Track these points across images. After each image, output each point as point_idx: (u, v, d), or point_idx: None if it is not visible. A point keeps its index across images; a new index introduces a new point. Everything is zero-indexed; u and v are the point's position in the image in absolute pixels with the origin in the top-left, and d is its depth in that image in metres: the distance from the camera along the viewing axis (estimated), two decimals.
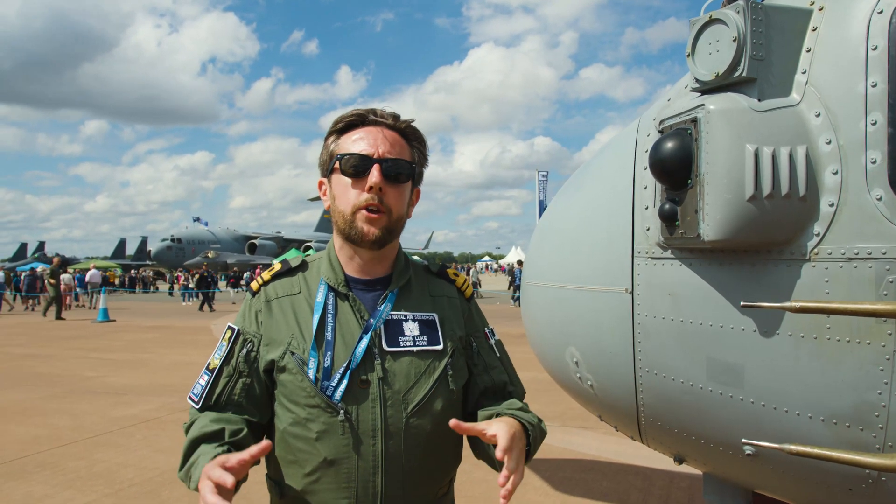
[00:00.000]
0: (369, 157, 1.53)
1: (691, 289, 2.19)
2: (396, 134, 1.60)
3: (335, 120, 1.63)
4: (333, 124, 1.63)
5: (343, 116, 1.61)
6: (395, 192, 1.56)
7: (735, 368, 2.10)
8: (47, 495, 4.93)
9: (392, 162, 1.55)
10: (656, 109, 2.42)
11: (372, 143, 1.55)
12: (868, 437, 1.86)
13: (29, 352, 12.98)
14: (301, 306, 1.59)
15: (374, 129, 1.58)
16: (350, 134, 1.59)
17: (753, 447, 2.09)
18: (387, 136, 1.57)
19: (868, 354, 1.81)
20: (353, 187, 1.55)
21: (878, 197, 1.79)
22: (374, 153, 1.54)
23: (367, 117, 1.59)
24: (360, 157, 1.54)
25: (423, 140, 1.66)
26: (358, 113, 1.59)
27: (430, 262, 1.79)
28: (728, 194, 1.88)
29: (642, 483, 5.15)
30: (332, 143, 1.62)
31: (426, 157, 1.69)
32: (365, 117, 1.59)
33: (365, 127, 1.59)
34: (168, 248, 55.47)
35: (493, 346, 1.74)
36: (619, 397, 2.62)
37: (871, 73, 1.82)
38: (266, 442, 1.33)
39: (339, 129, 1.61)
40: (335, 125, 1.62)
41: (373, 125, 1.59)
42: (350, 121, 1.60)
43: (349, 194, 1.55)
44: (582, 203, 2.89)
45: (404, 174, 1.57)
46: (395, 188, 1.56)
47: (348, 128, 1.60)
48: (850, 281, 1.83)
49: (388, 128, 1.59)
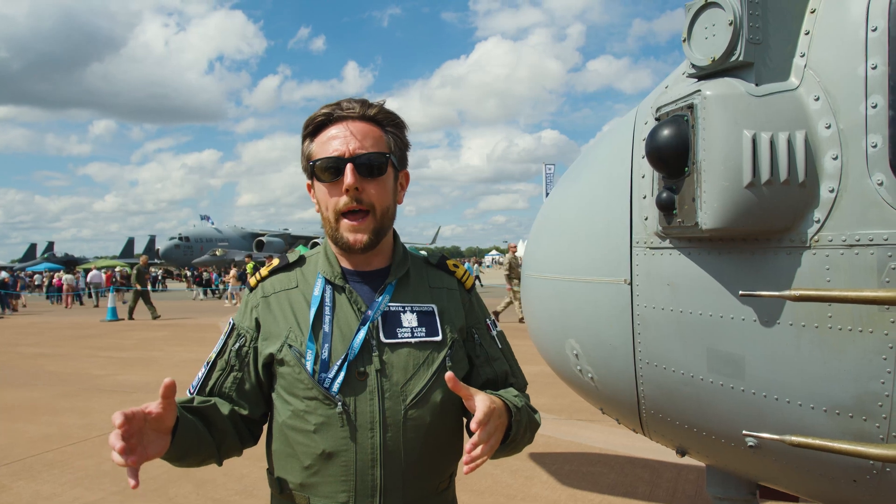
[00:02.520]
0: (340, 157, 1.50)
1: (690, 279, 2.16)
2: (368, 124, 1.56)
3: (305, 122, 1.60)
4: (304, 127, 1.60)
5: (311, 118, 1.58)
6: (375, 187, 1.53)
7: (735, 359, 2.06)
8: (55, 493, 4.95)
9: (365, 157, 1.51)
10: (654, 97, 2.38)
11: (342, 142, 1.51)
12: (871, 427, 1.82)
13: (40, 351, 13.08)
14: (298, 300, 1.59)
15: (342, 126, 1.54)
16: (321, 135, 1.56)
17: (755, 439, 2.06)
18: (357, 130, 1.53)
19: (870, 343, 1.78)
20: (331, 191, 1.53)
21: (879, 182, 1.75)
22: (345, 152, 1.50)
23: (333, 114, 1.55)
24: (331, 159, 1.51)
25: (398, 122, 1.61)
26: (325, 112, 1.55)
27: (430, 254, 1.76)
28: (726, 181, 1.84)
29: (650, 476, 5.11)
30: (306, 147, 1.59)
31: (405, 139, 1.64)
32: (332, 114, 1.55)
33: (334, 124, 1.55)
34: (176, 246, 55.80)
35: (494, 338, 1.72)
36: (619, 390, 2.59)
37: (871, 55, 1.78)
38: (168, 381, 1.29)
39: (310, 131, 1.58)
40: (306, 128, 1.59)
41: (341, 121, 1.54)
42: (319, 121, 1.56)
43: (329, 200, 1.54)
44: (580, 194, 2.86)
45: (381, 166, 1.54)
46: (375, 182, 1.53)
47: (319, 128, 1.57)
48: (852, 268, 1.79)
49: (358, 119, 1.55)
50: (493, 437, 1.38)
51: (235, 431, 1.60)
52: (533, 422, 1.63)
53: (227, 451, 1.60)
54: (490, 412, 1.36)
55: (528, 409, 1.62)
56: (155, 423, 1.31)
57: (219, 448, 1.56)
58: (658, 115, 2.13)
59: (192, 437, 1.45)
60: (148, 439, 1.32)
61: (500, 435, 1.42)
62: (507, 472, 5.24)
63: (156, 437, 1.34)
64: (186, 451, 1.46)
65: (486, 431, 1.35)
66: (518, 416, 1.52)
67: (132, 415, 1.25)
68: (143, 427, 1.30)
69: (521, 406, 1.56)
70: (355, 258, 1.61)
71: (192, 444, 1.46)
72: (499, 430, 1.42)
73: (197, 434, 1.48)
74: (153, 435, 1.33)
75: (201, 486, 5.01)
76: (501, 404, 1.47)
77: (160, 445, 1.34)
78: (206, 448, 1.52)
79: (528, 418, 1.59)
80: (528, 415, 1.60)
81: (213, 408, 1.55)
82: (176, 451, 1.41)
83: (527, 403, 1.64)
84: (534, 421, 1.64)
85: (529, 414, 1.61)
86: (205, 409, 1.54)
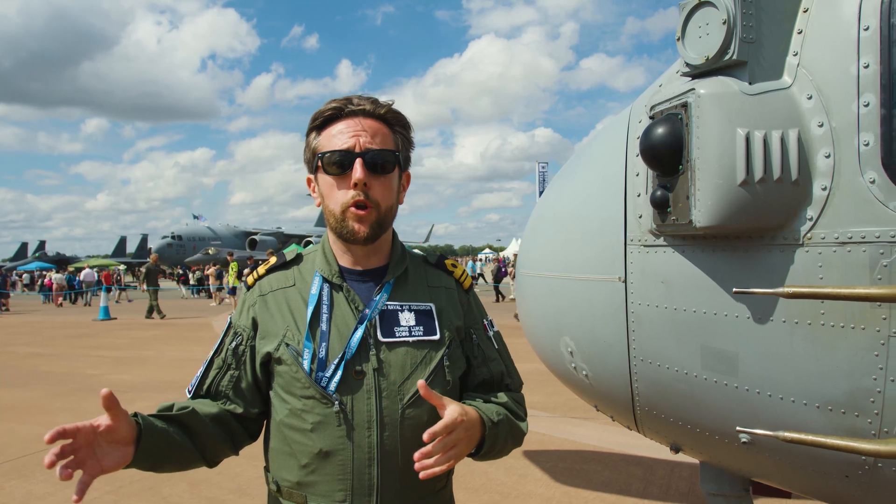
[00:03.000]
0: (351, 151, 1.50)
1: (684, 276, 2.17)
2: (377, 121, 1.56)
3: (313, 115, 1.59)
4: (312, 120, 1.59)
5: (321, 111, 1.57)
6: (381, 184, 1.53)
7: (729, 356, 2.07)
8: (48, 493, 4.94)
9: (375, 153, 1.51)
10: (648, 95, 2.39)
11: (352, 136, 1.51)
12: (864, 423, 1.84)
13: (33, 350, 13.01)
14: (295, 298, 1.59)
15: (353, 121, 1.53)
16: (330, 128, 1.55)
17: (748, 435, 2.07)
18: (367, 126, 1.53)
19: (863, 340, 1.79)
20: (339, 184, 1.52)
21: (871, 180, 1.77)
22: (356, 146, 1.50)
23: (344, 109, 1.54)
24: (342, 152, 1.51)
25: (405, 123, 1.62)
26: (335, 105, 1.55)
27: (429, 253, 1.76)
28: (719, 179, 1.85)
29: (643, 473, 5.14)
30: (313, 139, 1.59)
31: (411, 140, 1.65)
32: (342, 109, 1.54)
33: (344, 119, 1.54)
34: (168, 245, 55.56)
35: (491, 338, 1.72)
36: (613, 387, 2.61)
37: (863, 54, 1.79)
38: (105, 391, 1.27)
39: (318, 124, 1.58)
40: (314, 121, 1.59)
41: (351, 116, 1.54)
42: (328, 115, 1.56)
43: (336, 192, 1.53)
44: (574, 192, 2.87)
45: (389, 164, 1.54)
46: (381, 179, 1.53)
47: (327, 122, 1.56)
48: (844, 265, 1.80)
49: (368, 116, 1.55)
50: (456, 449, 1.39)
51: (225, 433, 1.58)
52: (516, 431, 1.63)
53: (216, 454, 1.58)
54: (453, 424, 1.37)
55: (511, 420, 1.60)
56: (107, 435, 1.29)
57: (203, 453, 1.54)
58: (652, 114, 2.14)
59: (162, 446, 1.42)
60: (103, 452, 1.29)
61: (465, 447, 1.43)
62: (502, 470, 5.25)
63: (112, 449, 1.31)
64: (158, 460, 1.43)
65: (441, 443, 1.35)
66: (494, 430, 1.51)
67: (76, 429, 1.23)
68: (94, 440, 1.27)
69: (500, 420, 1.55)
70: (354, 256, 1.61)
71: (163, 453, 1.43)
72: (465, 443, 1.42)
73: (169, 442, 1.44)
74: (109, 447, 1.31)
75: (195, 486, 5.01)
76: (475, 417, 1.47)
77: (119, 457, 1.32)
78: (184, 455, 1.49)
79: (508, 430, 1.58)
80: (510, 426, 1.59)
81: (191, 414, 1.52)
82: (146, 461, 1.39)
83: (514, 411, 1.64)
84: (517, 430, 1.63)
85: (512, 425, 1.60)
86: (181, 417, 1.50)
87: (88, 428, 1.26)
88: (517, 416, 1.65)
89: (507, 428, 1.57)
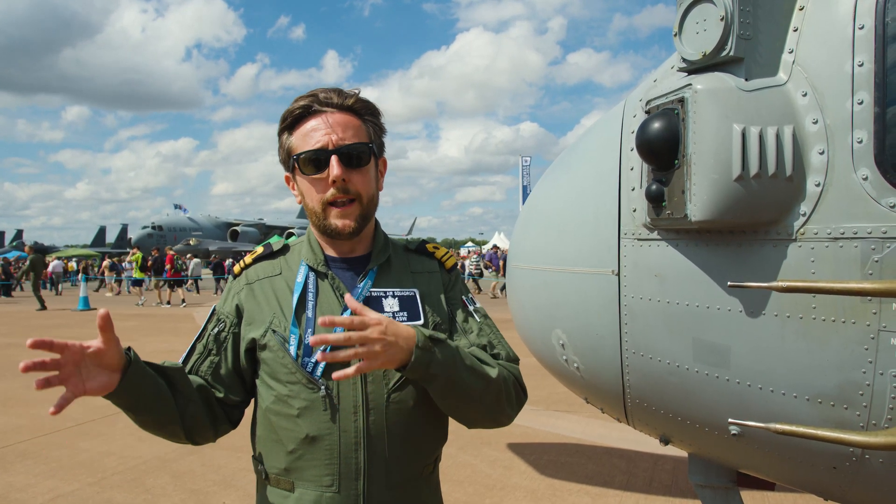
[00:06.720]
0: (325, 149, 1.52)
1: (678, 270, 2.19)
2: (346, 114, 1.56)
3: (283, 115, 1.60)
4: (282, 120, 1.60)
5: (290, 110, 1.58)
6: (359, 177, 1.56)
7: (721, 349, 2.10)
8: (29, 485, 4.87)
9: (349, 147, 1.53)
10: (642, 90, 2.40)
11: (325, 134, 1.52)
12: (852, 415, 1.87)
13: (10, 341, 12.81)
14: (281, 287, 1.62)
15: (323, 118, 1.54)
16: (301, 127, 1.56)
17: (739, 427, 2.10)
18: (338, 121, 1.54)
19: (853, 333, 1.82)
20: (317, 183, 1.55)
21: (864, 177, 1.79)
22: (329, 143, 1.52)
23: (312, 106, 1.55)
24: (316, 151, 1.52)
25: (374, 110, 1.63)
26: (303, 104, 1.55)
27: (410, 241, 1.78)
28: (715, 174, 1.87)
29: (626, 465, 5.19)
30: (286, 140, 1.60)
31: (382, 126, 1.65)
32: (310, 106, 1.55)
33: (313, 117, 1.55)
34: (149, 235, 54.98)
35: (472, 312, 1.73)
36: (605, 379, 2.63)
37: (857, 52, 1.82)
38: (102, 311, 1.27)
39: (288, 124, 1.59)
40: (283, 121, 1.60)
41: (320, 113, 1.55)
42: (297, 113, 1.56)
43: (314, 191, 1.56)
44: (568, 185, 2.88)
45: (364, 155, 1.56)
46: (359, 172, 1.56)
47: (297, 120, 1.57)
48: (836, 260, 1.83)
49: (337, 109, 1.56)
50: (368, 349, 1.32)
51: (207, 408, 1.57)
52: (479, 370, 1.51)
53: (195, 426, 1.54)
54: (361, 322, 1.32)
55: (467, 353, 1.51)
56: (95, 357, 1.28)
57: (182, 416, 1.50)
58: (648, 108, 2.15)
59: (147, 387, 1.40)
60: (89, 373, 1.28)
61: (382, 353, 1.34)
62: (486, 463, 5.28)
63: (98, 373, 1.30)
64: (139, 400, 1.40)
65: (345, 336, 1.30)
66: (429, 345, 1.41)
67: (64, 345, 1.23)
68: (81, 360, 1.26)
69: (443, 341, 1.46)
70: (339, 246, 1.64)
71: (145, 394, 1.40)
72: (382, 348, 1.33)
73: (154, 386, 1.42)
74: (95, 370, 1.29)
75: (179, 478, 4.97)
76: (405, 330, 1.39)
77: (104, 381, 1.30)
78: (165, 407, 1.45)
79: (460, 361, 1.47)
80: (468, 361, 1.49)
81: (180, 371, 1.52)
82: (128, 396, 1.36)
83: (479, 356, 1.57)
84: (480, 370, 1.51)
85: (471, 361, 1.51)
86: (170, 371, 1.48)
87: (77, 347, 1.25)
88: (500, 364, 1.60)
89: (457, 357, 1.47)
